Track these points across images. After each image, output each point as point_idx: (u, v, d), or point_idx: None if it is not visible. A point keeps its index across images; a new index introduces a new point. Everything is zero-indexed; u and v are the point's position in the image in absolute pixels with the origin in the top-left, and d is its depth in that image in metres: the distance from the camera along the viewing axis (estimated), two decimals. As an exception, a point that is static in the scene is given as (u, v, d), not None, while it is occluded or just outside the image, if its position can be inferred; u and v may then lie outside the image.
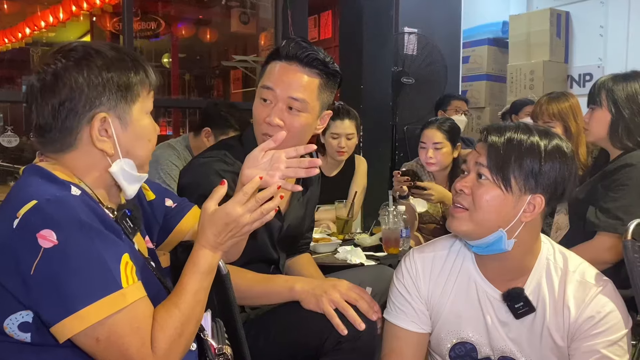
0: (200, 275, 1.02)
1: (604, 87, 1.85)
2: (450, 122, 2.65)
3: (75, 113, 0.97)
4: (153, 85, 1.06)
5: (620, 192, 1.76)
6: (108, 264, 0.90)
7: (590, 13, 4.91)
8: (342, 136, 2.67)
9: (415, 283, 1.31)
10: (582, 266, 1.23)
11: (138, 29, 5.18)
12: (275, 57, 1.48)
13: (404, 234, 2.24)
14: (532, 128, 1.18)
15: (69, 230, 0.88)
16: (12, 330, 0.92)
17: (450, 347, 1.29)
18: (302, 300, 1.34)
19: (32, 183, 0.95)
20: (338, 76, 1.51)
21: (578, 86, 4.97)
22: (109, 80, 0.98)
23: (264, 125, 1.46)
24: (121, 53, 1.03)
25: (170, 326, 0.94)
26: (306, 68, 1.44)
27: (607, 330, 1.16)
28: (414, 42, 4.33)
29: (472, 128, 5.07)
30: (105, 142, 1.00)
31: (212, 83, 6.44)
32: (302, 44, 1.45)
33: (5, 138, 3.08)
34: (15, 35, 5.26)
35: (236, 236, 1.05)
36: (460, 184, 1.19)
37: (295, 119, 1.45)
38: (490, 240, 1.17)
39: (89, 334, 0.88)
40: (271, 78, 1.46)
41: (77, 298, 0.87)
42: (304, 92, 1.44)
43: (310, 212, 1.75)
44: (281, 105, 1.44)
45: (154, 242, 1.23)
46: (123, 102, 1.00)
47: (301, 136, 1.49)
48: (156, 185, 1.30)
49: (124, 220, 1.04)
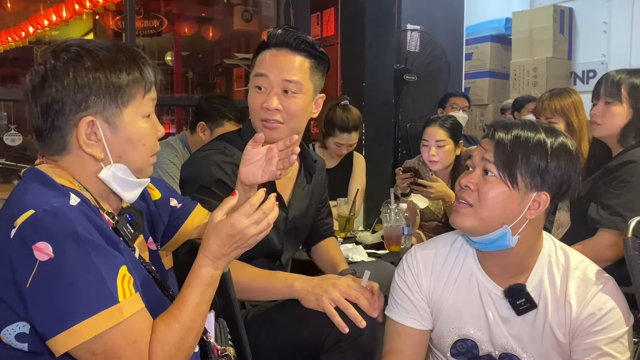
0: (202, 288, 1.00)
1: (625, 82, 1.82)
2: (452, 119, 2.64)
3: (63, 115, 0.95)
4: (150, 86, 1.01)
5: (622, 189, 1.76)
6: (104, 277, 0.88)
7: (593, 9, 4.89)
8: (345, 146, 2.79)
9: (416, 280, 1.31)
10: (584, 263, 1.23)
11: (140, 27, 5.17)
12: (264, 47, 1.51)
13: (405, 232, 2.24)
14: (538, 125, 1.18)
15: (65, 243, 0.86)
16: (9, 340, 0.91)
17: (451, 343, 1.29)
18: (302, 299, 1.34)
19: (31, 190, 0.93)
20: (326, 59, 1.54)
21: (582, 83, 4.96)
22: (95, 82, 0.94)
23: (261, 111, 1.47)
24: (117, 52, 0.98)
25: (170, 341, 0.93)
26: (296, 51, 1.47)
27: (609, 327, 1.16)
28: (417, 39, 4.32)
29: (475, 125, 5.06)
30: (94, 146, 0.97)
31: (214, 81, 6.44)
32: (289, 29, 1.49)
33: (9, 137, 3.09)
34: (19, 33, 5.27)
35: (241, 247, 1.03)
36: (466, 179, 1.19)
37: (292, 101, 1.47)
38: (495, 237, 1.17)
39: (84, 348, 0.87)
40: (263, 65, 1.48)
41: (73, 313, 0.85)
42: (297, 73, 1.46)
43: (316, 202, 1.75)
44: (277, 89, 1.46)
45: (157, 242, 1.21)
46: (113, 105, 0.96)
47: (300, 118, 1.50)
48: (162, 183, 1.29)
49: (124, 227, 1.02)
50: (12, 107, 3.80)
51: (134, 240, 1.05)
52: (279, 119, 1.46)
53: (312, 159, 1.67)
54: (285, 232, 1.60)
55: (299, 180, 1.65)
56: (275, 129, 1.47)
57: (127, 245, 1.02)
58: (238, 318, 1.27)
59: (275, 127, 1.47)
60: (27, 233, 0.86)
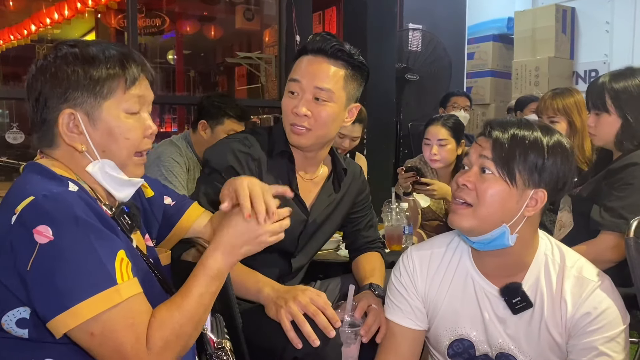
0: (208, 279, 1.00)
1: (607, 91, 1.81)
2: (454, 118, 2.64)
3: (48, 108, 0.99)
4: (132, 82, 1.01)
5: (625, 191, 1.75)
6: (103, 260, 0.90)
7: (596, 9, 4.88)
8: (348, 138, 2.72)
9: (412, 280, 1.31)
10: (580, 262, 1.23)
11: (142, 26, 5.18)
12: (302, 53, 1.51)
13: (406, 231, 2.24)
14: (534, 124, 1.19)
15: (64, 225, 0.89)
16: (10, 327, 0.93)
17: (448, 344, 1.30)
18: (266, 307, 1.32)
19: (30, 180, 0.96)
20: (364, 68, 1.53)
21: (583, 82, 4.95)
22: (73, 75, 0.97)
23: (291, 115, 1.48)
24: (104, 49, 1.01)
25: (168, 326, 0.94)
26: (332, 59, 1.47)
27: (604, 326, 1.15)
28: (418, 39, 4.32)
29: (477, 125, 5.05)
30: (75, 138, 1.00)
31: (216, 80, 6.45)
32: (327, 37, 1.49)
33: (10, 135, 3.10)
34: (21, 32, 5.28)
35: (250, 244, 1.04)
36: (463, 178, 1.19)
37: (322, 109, 1.46)
38: (494, 236, 1.17)
39: (83, 329, 0.88)
40: (298, 71, 1.49)
41: (72, 294, 0.87)
42: (329, 82, 1.46)
43: (343, 211, 1.69)
44: (308, 95, 1.46)
45: (153, 239, 1.22)
46: (91, 98, 0.99)
47: (329, 126, 1.49)
48: (155, 182, 1.30)
49: (121, 217, 1.04)
50: (14, 106, 3.81)
51: (131, 231, 1.06)
52: (306, 125, 1.46)
53: (342, 167, 1.65)
54: (302, 236, 1.58)
55: (326, 187, 1.63)
56: (302, 135, 1.48)
57: (124, 234, 1.03)
58: (236, 314, 1.27)
59: (302, 133, 1.47)
60: (27, 217, 0.89)
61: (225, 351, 1.14)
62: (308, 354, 1.24)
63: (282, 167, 1.54)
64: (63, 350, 0.93)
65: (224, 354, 1.14)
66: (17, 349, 0.94)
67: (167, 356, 0.93)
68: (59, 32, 5.37)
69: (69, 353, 0.93)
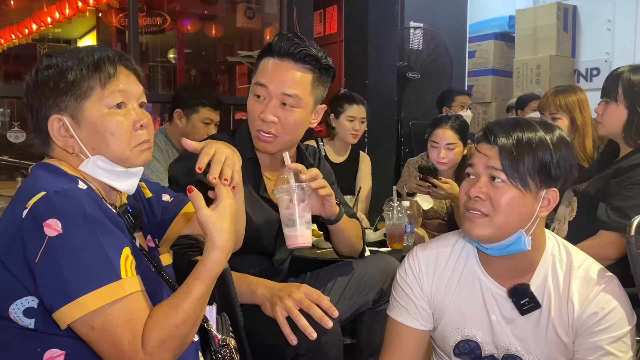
0: (210, 281, 1.00)
1: (622, 81, 1.80)
2: (460, 119, 2.59)
3: (39, 117, 1.04)
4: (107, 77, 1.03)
5: (633, 191, 1.73)
6: (109, 254, 0.93)
7: (597, 7, 4.87)
8: (357, 119, 2.88)
9: (418, 280, 1.30)
10: (587, 262, 1.23)
11: (143, 25, 5.18)
12: (267, 54, 1.48)
13: (408, 230, 2.24)
14: (533, 122, 1.18)
15: (73, 220, 0.92)
16: (17, 316, 0.95)
17: (454, 344, 1.29)
18: (261, 306, 1.34)
19: (41, 177, 1.00)
20: (331, 70, 1.52)
21: (585, 81, 4.95)
22: (52, 82, 1.01)
23: (258, 121, 1.47)
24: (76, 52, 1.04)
25: (163, 327, 0.94)
26: (299, 64, 1.45)
27: (611, 326, 1.15)
28: (420, 37, 4.32)
29: (478, 123, 5.05)
30: (66, 141, 1.04)
31: (217, 78, 6.44)
32: (294, 40, 1.45)
33: (12, 134, 3.10)
34: (22, 31, 5.28)
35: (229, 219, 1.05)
36: (475, 190, 1.16)
37: (289, 115, 1.45)
38: (510, 242, 1.16)
39: (85, 321, 0.90)
40: (264, 75, 1.46)
41: (78, 286, 0.90)
42: (297, 88, 1.44)
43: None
44: (275, 101, 1.45)
45: (155, 239, 1.24)
46: (73, 101, 1.02)
47: (295, 132, 1.49)
48: (153, 183, 1.32)
49: (125, 215, 1.07)
50: (15, 104, 3.80)
51: (134, 229, 1.09)
52: (273, 132, 1.45)
53: (309, 162, 1.65)
54: (278, 234, 1.58)
55: None
56: (269, 142, 1.47)
57: (128, 232, 1.05)
58: (238, 314, 1.28)
59: (270, 141, 1.47)
60: (38, 211, 0.92)
61: (230, 349, 1.15)
62: (309, 350, 1.26)
63: (247, 169, 1.50)
64: (68, 342, 0.95)
65: (228, 351, 1.15)
66: (23, 339, 0.96)
67: (163, 355, 0.94)
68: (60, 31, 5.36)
69: (73, 345, 0.95)
